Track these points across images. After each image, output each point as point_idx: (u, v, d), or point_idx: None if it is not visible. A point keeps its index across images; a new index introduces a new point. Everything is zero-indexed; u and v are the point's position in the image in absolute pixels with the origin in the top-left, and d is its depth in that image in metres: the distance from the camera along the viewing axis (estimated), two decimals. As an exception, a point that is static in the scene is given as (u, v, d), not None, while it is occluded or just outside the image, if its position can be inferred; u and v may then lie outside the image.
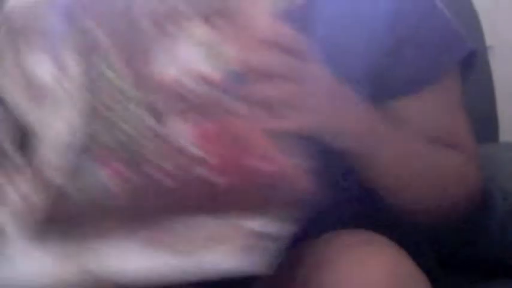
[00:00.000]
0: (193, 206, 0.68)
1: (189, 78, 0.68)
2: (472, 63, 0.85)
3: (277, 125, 0.67)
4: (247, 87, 0.67)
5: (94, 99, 0.69)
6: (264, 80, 0.67)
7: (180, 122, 0.68)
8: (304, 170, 0.67)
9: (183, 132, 0.67)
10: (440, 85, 0.82)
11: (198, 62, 0.68)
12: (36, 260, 0.67)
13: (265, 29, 0.67)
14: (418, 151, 0.79)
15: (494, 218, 0.93)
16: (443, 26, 0.83)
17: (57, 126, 0.69)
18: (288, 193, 0.67)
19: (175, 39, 0.68)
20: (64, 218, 0.69)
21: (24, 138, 0.70)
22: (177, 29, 0.68)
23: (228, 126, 0.67)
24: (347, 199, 0.81)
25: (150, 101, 0.68)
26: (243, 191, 0.68)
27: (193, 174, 0.68)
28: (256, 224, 0.66)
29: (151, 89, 0.68)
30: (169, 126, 0.68)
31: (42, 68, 0.70)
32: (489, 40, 1.24)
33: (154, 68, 0.68)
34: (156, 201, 0.68)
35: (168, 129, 0.68)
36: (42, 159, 0.69)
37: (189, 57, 0.68)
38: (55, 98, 0.69)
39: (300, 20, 0.69)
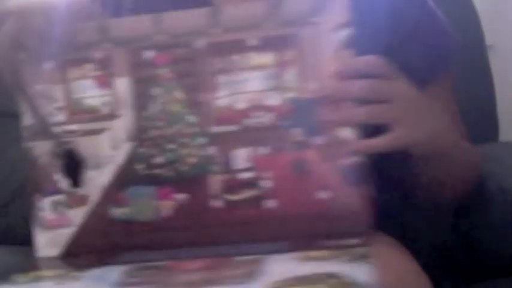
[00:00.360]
0: (240, 230, 0.73)
1: (258, 111, 0.73)
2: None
3: (369, 146, 0.71)
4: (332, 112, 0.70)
5: (145, 121, 0.74)
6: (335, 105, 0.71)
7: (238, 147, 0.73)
8: (366, 200, 0.71)
9: (239, 155, 0.73)
10: (434, 86, 0.83)
11: (266, 93, 0.73)
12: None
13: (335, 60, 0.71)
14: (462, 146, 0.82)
15: (493, 216, 0.93)
16: (437, 28, 0.85)
17: (106, 150, 0.74)
18: (349, 224, 0.72)
19: (241, 70, 0.73)
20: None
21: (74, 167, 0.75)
22: (242, 60, 0.73)
23: (290, 156, 0.72)
24: None
25: (204, 124, 0.74)
26: (298, 218, 0.72)
27: (242, 196, 0.73)
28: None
29: (212, 118, 0.74)
30: (222, 149, 0.73)
31: (91, 93, 0.75)
32: (489, 39, 1.24)
33: (218, 99, 0.74)
34: (204, 222, 0.73)
35: (220, 151, 0.74)
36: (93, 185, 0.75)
37: (257, 87, 0.73)
38: (103, 120, 0.75)
39: None
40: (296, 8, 0.72)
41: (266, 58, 0.73)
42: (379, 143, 0.71)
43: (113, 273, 0.69)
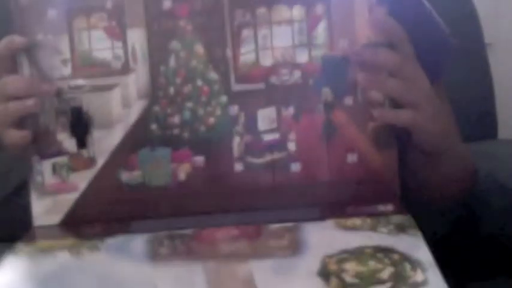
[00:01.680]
0: (264, 195, 0.68)
1: (286, 68, 0.68)
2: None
3: (394, 118, 0.67)
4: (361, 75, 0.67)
5: (161, 77, 0.68)
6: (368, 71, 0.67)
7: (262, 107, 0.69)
8: (394, 164, 0.68)
9: (263, 116, 0.68)
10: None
11: (295, 49, 0.68)
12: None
13: (373, 21, 0.68)
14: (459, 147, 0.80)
15: (493, 214, 0.92)
16: (434, 31, 0.83)
17: (117, 108, 0.68)
18: (377, 188, 0.68)
19: (268, 24, 0.68)
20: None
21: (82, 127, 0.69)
22: (269, 13, 0.68)
23: (317, 118, 0.68)
24: None
25: (225, 82, 0.69)
26: (325, 183, 0.68)
27: (266, 159, 0.68)
28: None
29: (235, 75, 0.69)
30: (245, 109, 0.68)
31: (101, 45, 0.68)
32: (488, 38, 1.23)
33: (241, 55, 0.69)
34: (225, 188, 0.69)
35: (243, 111, 0.69)
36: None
37: (285, 43, 0.68)
38: (115, 75, 0.69)
39: None
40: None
41: (295, 12, 0.69)
42: (400, 115, 0.68)
43: (136, 242, 0.63)
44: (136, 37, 0.69)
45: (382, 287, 0.54)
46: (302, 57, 0.69)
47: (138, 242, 0.63)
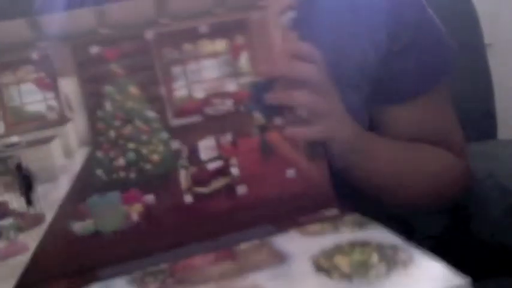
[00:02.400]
0: (218, 221, 0.70)
1: (217, 98, 0.71)
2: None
3: (303, 134, 0.72)
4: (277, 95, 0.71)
5: (99, 122, 0.68)
6: (288, 88, 0.71)
7: (202, 138, 0.71)
8: (327, 175, 0.73)
9: (204, 146, 0.71)
10: (432, 93, 0.86)
11: (223, 80, 0.71)
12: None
13: (283, 42, 0.72)
14: (404, 152, 0.83)
15: (492, 214, 0.93)
16: (437, 36, 0.86)
17: (59, 159, 0.67)
18: (315, 199, 0.72)
19: (195, 58, 0.71)
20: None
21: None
22: (195, 48, 0.71)
23: (253, 141, 0.72)
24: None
25: (164, 118, 0.70)
26: (269, 200, 0.72)
27: (213, 186, 0.71)
28: None
29: (172, 111, 0.70)
30: (186, 142, 0.70)
31: (32, 98, 0.67)
32: (488, 38, 1.22)
33: (175, 90, 0.71)
34: (178, 220, 0.70)
35: (184, 144, 0.70)
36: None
37: (213, 75, 0.71)
38: (52, 127, 0.67)
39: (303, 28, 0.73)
40: (242, -4, 0.73)
41: (219, 45, 0.73)
42: (305, 132, 0.73)
43: (118, 285, 0.62)
44: (69, 86, 0.68)
45: (379, 269, 0.59)
46: (231, 86, 0.73)
47: (120, 284, 0.62)
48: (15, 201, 0.66)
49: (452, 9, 0.92)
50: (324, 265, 0.61)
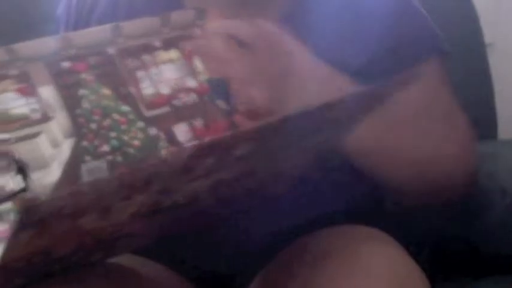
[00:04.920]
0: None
1: (182, 92, 0.79)
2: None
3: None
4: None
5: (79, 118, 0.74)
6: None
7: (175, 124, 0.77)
8: None
9: (179, 130, 0.77)
10: (424, 66, 0.84)
11: (183, 78, 0.80)
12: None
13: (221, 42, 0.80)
14: (400, 128, 0.79)
15: (493, 215, 0.93)
16: (420, 22, 0.87)
17: (48, 149, 0.72)
18: None
19: (155, 65, 0.80)
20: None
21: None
22: (153, 58, 0.80)
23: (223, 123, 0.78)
24: (339, 192, 0.82)
25: (137, 111, 0.77)
26: None
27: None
28: None
29: (143, 105, 0.77)
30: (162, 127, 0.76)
31: (16, 103, 0.73)
32: (488, 38, 1.21)
33: (143, 89, 0.78)
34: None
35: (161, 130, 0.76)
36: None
37: (174, 76, 0.80)
38: (37, 124, 0.73)
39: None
40: (183, 16, 0.85)
41: (173, 53, 0.83)
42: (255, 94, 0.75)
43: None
44: (47, 92, 0.75)
45: None
46: (192, 83, 0.81)
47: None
48: (12, 182, 0.68)
49: (452, 9, 0.92)
50: None
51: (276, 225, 0.84)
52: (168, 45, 0.82)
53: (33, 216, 0.51)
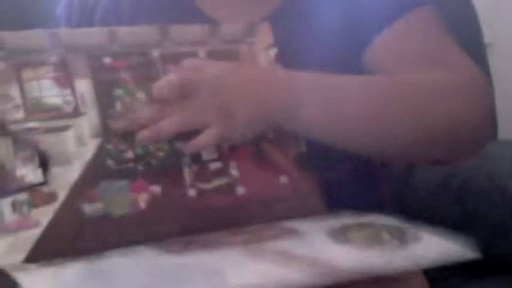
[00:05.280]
0: (220, 215, 0.74)
1: None
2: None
3: (196, 146, 0.73)
4: None
5: (110, 119, 0.74)
6: None
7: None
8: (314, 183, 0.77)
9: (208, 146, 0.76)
10: (412, 17, 0.82)
11: None
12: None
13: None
14: (371, 83, 0.76)
15: (493, 215, 0.92)
16: None
17: (72, 146, 0.71)
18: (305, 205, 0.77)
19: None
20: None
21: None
22: None
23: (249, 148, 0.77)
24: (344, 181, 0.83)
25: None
26: (264, 202, 0.76)
27: (214, 184, 0.75)
28: None
29: None
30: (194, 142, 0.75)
31: (51, 92, 0.73)
32: (488, 38, 1.22)
33: None
34: (180, 212, 0.73)
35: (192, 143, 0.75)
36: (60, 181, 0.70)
37: None
38: (67, 118, 0.73)
39: None
40: (233, 30, 0.84)
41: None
42: (200, 141, 0.72)
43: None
44: (83, 86, 0.75)
45: (393, 242, 0.63)
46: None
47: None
48: (32, 174, 0.69)
49: (453, 8, 0.92)
50: (339, 238, 0.64)
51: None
52: (211, 58, 0.81)
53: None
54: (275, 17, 0.86)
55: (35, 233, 0.67)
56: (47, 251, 0.67)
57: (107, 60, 0.76)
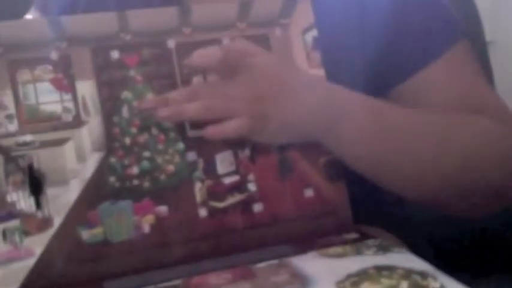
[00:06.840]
0: (233, 238, 0.68)
1: None
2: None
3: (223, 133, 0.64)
4: None
5: (115, 128, 0.66)
6: None
7: (219, 151, 0.69)
8: (345, 196, 0.71)
9: (221, 159, 0.69)
10: (446, 58, 0.78)
11: None
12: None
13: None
14: (415, 116, 0.72)
15: (493, 214, 0.85)
16: (439, 8, 0.82)
17: (71, 162, 0.64)
18: (333, 220, 0.70)
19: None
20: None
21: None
22: None
23: (272, 158, 0.70)
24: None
25: (181, 129, 0.68)
26: (286, 220, 0.69)
27: (229, 201, 0.68)
28: None
29: (189, 121, 0.68)
30: (203, 154, 0.68)
31: (48, 98, 0.65)
32: (490, 36, 1.19)
33: None
34: (190, 235, 0.67)
35: (201, 156, 0.68)
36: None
37: None
38: (66, 129, 0.66)
39: None
40: (266, 10, 0.72)
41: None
42: (227, 127, 0.63)
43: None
44: (86, 88, 0.66)
45: None
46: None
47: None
48: (24, 202, 0.63)
49: (454, 6, 0.87)
50: None
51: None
52: None
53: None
54: None
55: (27, 264, 0.63)
56: (41, 283, 0.63)
57: (115, 54, 0.67)
